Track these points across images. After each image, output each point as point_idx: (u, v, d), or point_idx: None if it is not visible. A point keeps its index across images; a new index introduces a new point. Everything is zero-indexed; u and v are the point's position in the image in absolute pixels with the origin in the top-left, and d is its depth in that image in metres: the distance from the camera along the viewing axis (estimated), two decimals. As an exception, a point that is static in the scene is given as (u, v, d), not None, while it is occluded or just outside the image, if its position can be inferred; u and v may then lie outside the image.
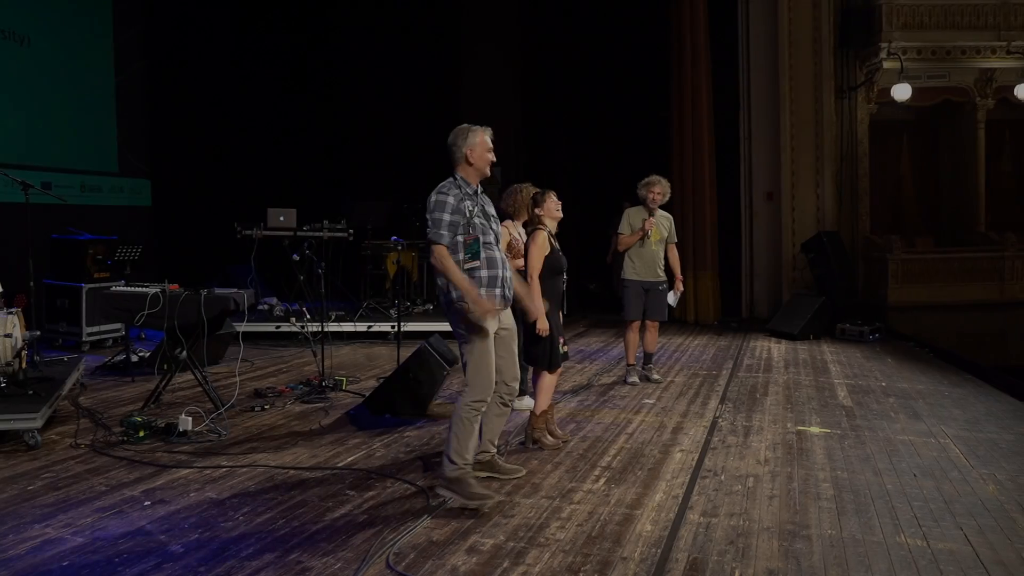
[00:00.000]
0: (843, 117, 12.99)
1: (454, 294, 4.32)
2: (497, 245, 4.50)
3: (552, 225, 5.65)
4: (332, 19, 15.17)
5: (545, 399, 5.56)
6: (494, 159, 4.54)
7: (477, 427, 4.40)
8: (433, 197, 4.38)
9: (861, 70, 12.86)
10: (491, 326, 4.38)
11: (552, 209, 5.63)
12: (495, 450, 4.79)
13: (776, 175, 12.96)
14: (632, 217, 7.65)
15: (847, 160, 12.96)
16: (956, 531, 3.97)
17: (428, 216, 4.36)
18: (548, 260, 5.54)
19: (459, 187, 4.41)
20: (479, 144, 4.45)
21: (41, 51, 11.45)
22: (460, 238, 4.33)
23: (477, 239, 4.38)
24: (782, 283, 12.89)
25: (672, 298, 7.75)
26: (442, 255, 4.30)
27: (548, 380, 5.56)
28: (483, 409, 4.40)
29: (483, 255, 4.38)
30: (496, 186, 14.06)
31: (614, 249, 12.93)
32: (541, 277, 5.52)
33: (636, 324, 7.69)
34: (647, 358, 7.89)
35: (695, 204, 12.54)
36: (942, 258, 12.40)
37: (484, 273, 4.38)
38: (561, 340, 5.50)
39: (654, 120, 13.69)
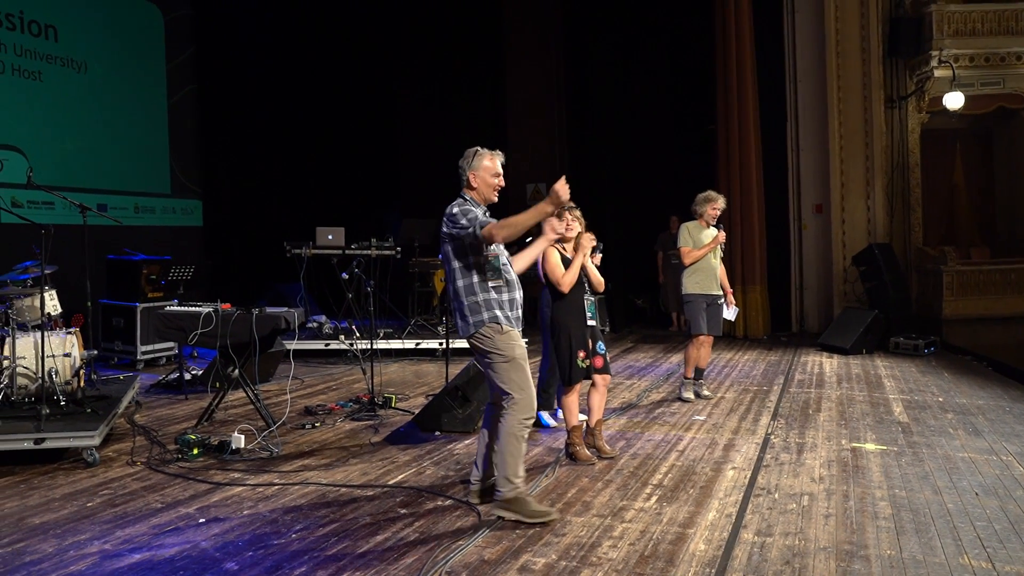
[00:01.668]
0: (893, 127, 12.79)
1: (472, 318, 4.29)
2: (510, 266, 4.51)
3: (568, 244, 5.63)
4: (380, 40, 15.36)
5: (571, 415, 5.58)
6: (502, 184, 4.51)
7: (526, 444, 4.37)
8: (455, 209, 4.33)
9: (911, 79, 12.65)
10: (521, 343, 4.39)
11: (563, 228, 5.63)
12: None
13: (825, 186, 12.80)
14: (692, 232, 7.55)
15: (898, 170, 12.75)
16: (1023, 553, 3.85)
17: (461, 222, 4.27)
18: None
19: (474, 206, 4.38)
20: (483, 168, 4.43)
21: (97, 77, 11.78)
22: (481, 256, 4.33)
23: (498, 256, 4.41)
24: (833, 296, 12.70)
25: (730, 312, 7.69)
26: (494, 224, 4.20)
27: (569, 397, 5.58)
28: (531, 424, 4.37)
29: (502, 276, 4.39)
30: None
31: (663, 266, 12.91)
32: (560, 293, 5.52)
33: (700, 339, 7.58)
34: (698, 373, 7.77)
35: (743, 217, 12.43)
36: (999, 269, 12.12)
37: (505, 296, 4.38)
38: (581, 354, 5.47)
39: (700, 133, 13.62)
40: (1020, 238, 13.05)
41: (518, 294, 4.47)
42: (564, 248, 5.60)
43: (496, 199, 4.51)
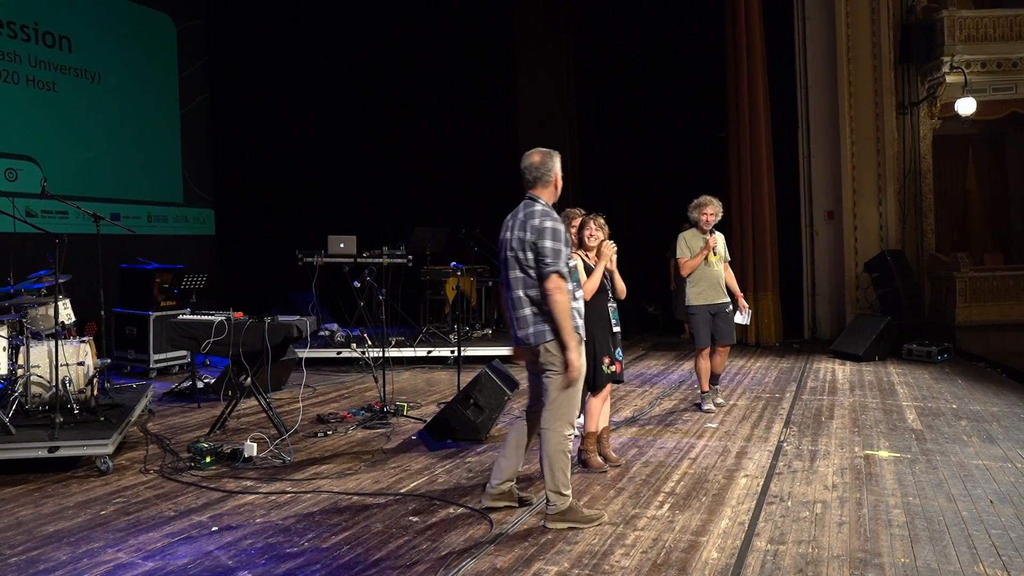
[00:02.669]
0: (905, 133, 12.75)
1: (547, 326, 4.25)
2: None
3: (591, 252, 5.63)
4: (391, 50, 15.40)
5: (591, 421, 5.56)
6: None
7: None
8: (548, 224, 4.23)
9: (923, 85, 12.62)
10: (584, 360, 4.41)
11: (585, 236, 5.60)
12: (514, 481, 4.73)
13: (837, 193, 12.77)
14: (689, 240, 7.43)
15: (910, 176, 12.70)
16: (1038, 560, 3.82)
17: (546, 244, 4.18)
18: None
19: (553, 212, 4.36)
20: (559, 169, 4.48)
21: (111, 87, 11.88)
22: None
23: (574, 268, 4.43)
24: (845, 303, 12.66)
25: (742, 317, 7.52)
26: (564, 289, 4.19)
27: (593, 402, 5.55)
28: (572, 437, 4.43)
29: (574, 286, 4.42)
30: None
31: (675, 273, 12.88)
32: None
33: (707, 351, 7.48)
34: (713, 379, 7.66)
35: (755, 224, 12.40)
36: (1013, 275, 12.05)
37: (578, 305, 4.44)
38: (607, 360, 5.47)
39: (711, 140, 13.60)
40: (1034, 244, 13.00)
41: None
42: (587, 256, 5.60)
43: None
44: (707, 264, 7.37)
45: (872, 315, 11.41)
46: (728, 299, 7.48)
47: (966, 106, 11.78)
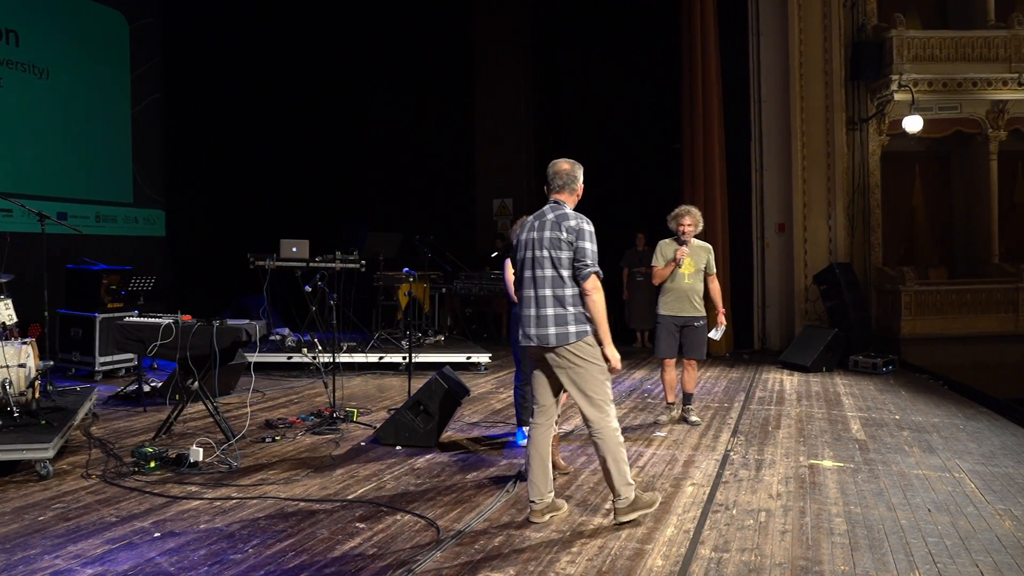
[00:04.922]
0: (855, 148, 13.03)
1: (577, 327, 4.44)
2: None
3: None
4: (349, 54, 15.36)
5: None
6: None
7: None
8: (585, 226, 4.48)
9: (872, 102, 12.91)
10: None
11: None
12: (552, 491, 4.74)
13: (788, 206, 12.99)
14: (664, 249, 7.30)
15: (859, 191, 12.98)
16: (972, 568, 3.92)
17: (586, 246, 4.43)
18: None
19: None
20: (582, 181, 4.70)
21: (60, 83, 11.65)
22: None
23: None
24: (794, 315, 12.86)
25: (715, 332, 7.31)
26: (601, 289, 4.45)
27: None
28: None
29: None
30: (508, 216, 14.17)
31: (628, 283, 13.00)
32: None
33: (670, 362, 7.37)
34: (686, 398, 7.47)
35: (707, 235, 12.48)
36: (956, 290, 12.36)
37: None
38: None
39: (666, 152, 13.76)
40: (976, 260, 13.32)
41: None
42: None
43: None
44: (673, 278, 7.23)
45: (820, 327, 11.62)
46: (700, 313, 7.28)
47: (913, 124, 12.08)
